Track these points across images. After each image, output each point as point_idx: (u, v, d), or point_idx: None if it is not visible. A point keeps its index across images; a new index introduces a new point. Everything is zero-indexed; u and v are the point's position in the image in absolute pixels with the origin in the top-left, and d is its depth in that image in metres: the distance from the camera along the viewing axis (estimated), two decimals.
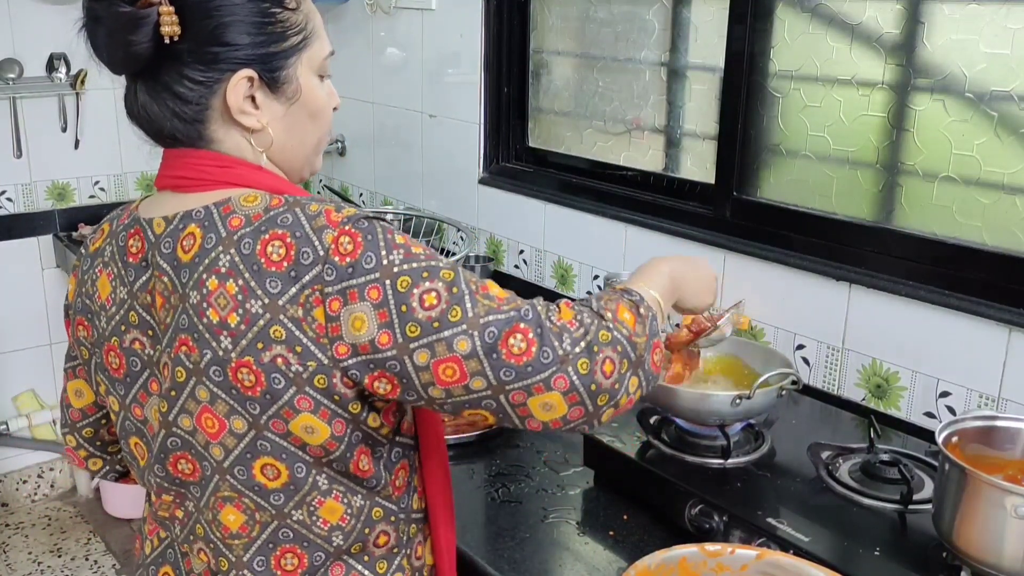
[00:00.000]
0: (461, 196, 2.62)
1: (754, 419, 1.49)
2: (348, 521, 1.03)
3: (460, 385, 0.93)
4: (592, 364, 0.94)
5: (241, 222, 0.95)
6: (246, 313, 0.93)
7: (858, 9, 1.69)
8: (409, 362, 0.92)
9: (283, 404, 0.94)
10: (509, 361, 0.92)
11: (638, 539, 1.38)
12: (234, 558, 1.03)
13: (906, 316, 1.63)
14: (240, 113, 0.99)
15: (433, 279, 0.93)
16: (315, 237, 0.93)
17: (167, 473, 1.04)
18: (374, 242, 0.93)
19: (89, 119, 3.12)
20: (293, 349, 0.93)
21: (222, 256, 0.94)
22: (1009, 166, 1.52)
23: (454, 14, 2.54)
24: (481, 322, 0.93)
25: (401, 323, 0.91)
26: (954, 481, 1.13)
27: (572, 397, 0.94)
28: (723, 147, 1.95)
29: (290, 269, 0.92)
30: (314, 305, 0.92)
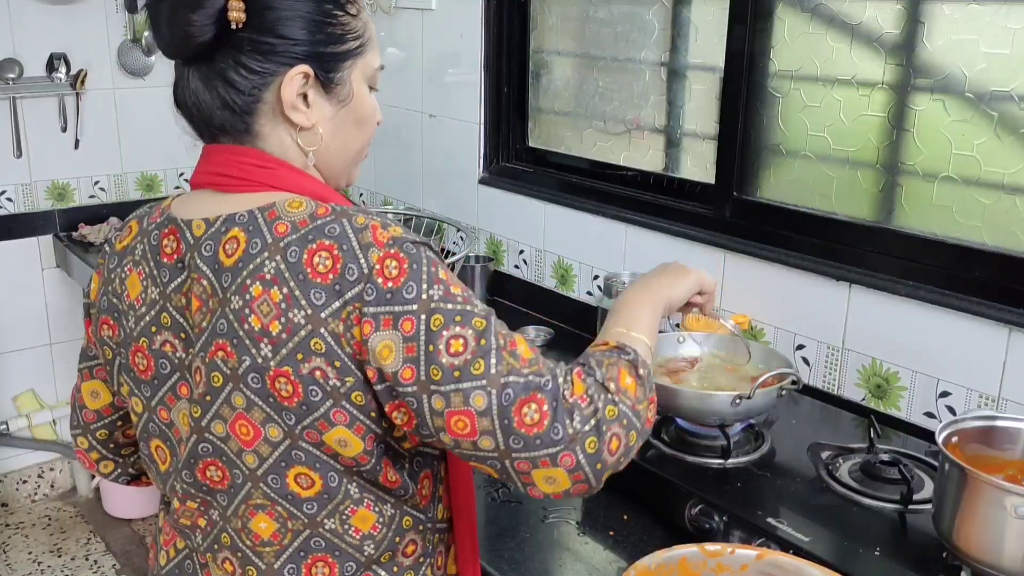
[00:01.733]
0: (461, 196, 2.62)
1: (754, 419, 1.49)
2: (380, 530, 1.02)
3: (469, 440, 0.93)
4: (600, 443, 0.95)
5: (287, 228, 0.94)
6: (288, 322, 0.91)
7: (858, 9, 1.69)
8: (426, 403, 0.92)
9: (319, 416, 0.94)
10: (520, 429, 0.92)
11: (638, 539, 1.38)
12: (264, 566, 1.02)
13: (906, 316, 1.63)
14: (292, 109, 0.99)
15: (464, 325, 0.92)
16: (361, 254, 0.92)
17: (195, 479, 1.02)
18: (418, 272, 0.92)
19: (89, 119, 3.12)
20: (332, 363, 0.92)
21: (267, 262, 0.93)
22: (1009, 166, 1.52)
23: (454, 14, 2.54)
24: (501, 381, 0.92)
25: (426, 363, 0.91)
26: (954, 481, 1.13)
27: (577, 475, 0.94)
28: (723, 147, 1.95)
29: (335, 282, 0.91)
30: (354, 323, 0.91)
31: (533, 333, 2.23)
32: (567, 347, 2.19)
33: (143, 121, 3.25)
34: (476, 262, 2.46)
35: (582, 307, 2.26)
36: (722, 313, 1.94)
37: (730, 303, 1.93)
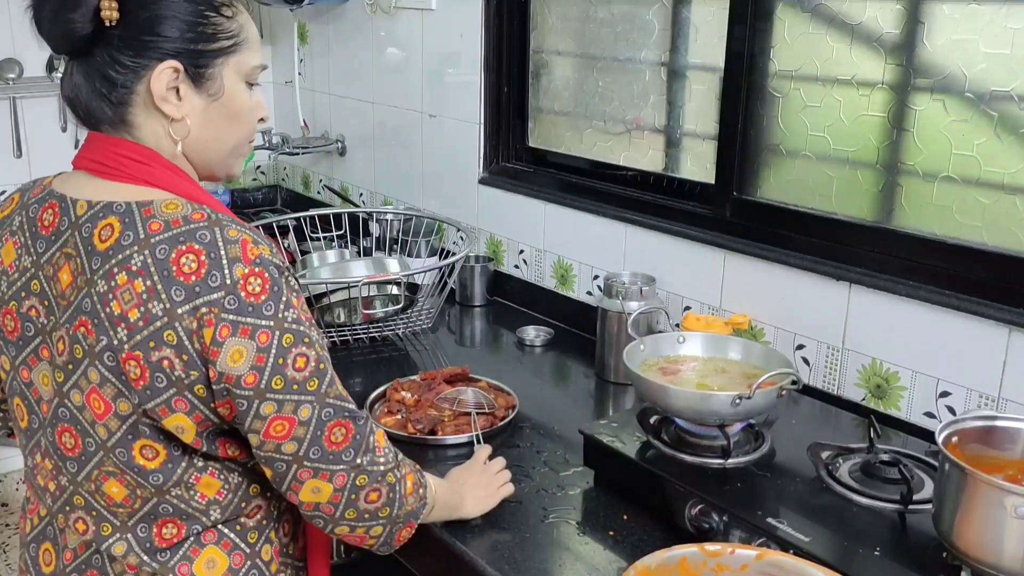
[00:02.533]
0: (461, 196, 2.62)
1: (754, 419, 1.49)
2: (225, 495, 1.13)
3: (276, 442, 1.06)
4: (368, 484, 1.12)
5: (160, 227, 1.02)
6: (147, 312, 1.01)
7: (858, 9, 1.69)
8: (256, 406, 1.04)
9: (161, 401, 1.04)
10: (324, 443, 1.08)
11: (638, 539, 1.39)
12: (119, 523, 1.11)
13: (906, 316, 1.63)
14: (162, 100, 1.07)
15: (309, 347, 1.06)
16: (227, 266, 1.01)
17: (54, 440, 1.11)
18: (278, 295, 1.03)
19: None
20: (180, 356, 1.02)
21: (136, 256, 1.01)
22: (1009, 166, 1.52)
23: (454, 14, 2.54)
24: (327, 400, 1.08)
25: (271, 373, 1.03)
26: (954, 481, 1.13)
27: (337, 497, 1.11)
28: (723, 147, 1.95)
29: (196, 284, 1.00)
30: (207, 324, 1.00)
31: (533, 333, 2.23)
32: (567, 347, 2.19)
33: None
34: (476, 262, 2.46)
35: (582, 307, 2.26)
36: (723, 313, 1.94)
37: (730, 303, 1.93)
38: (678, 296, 2.04)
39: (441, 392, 1.79)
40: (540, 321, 2.33)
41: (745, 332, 1.86)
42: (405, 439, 1.69)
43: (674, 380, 1.54)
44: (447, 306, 2.43)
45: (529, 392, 1.89)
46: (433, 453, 1.66)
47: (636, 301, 1.93)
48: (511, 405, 1.80)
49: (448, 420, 1.71)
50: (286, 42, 3.36)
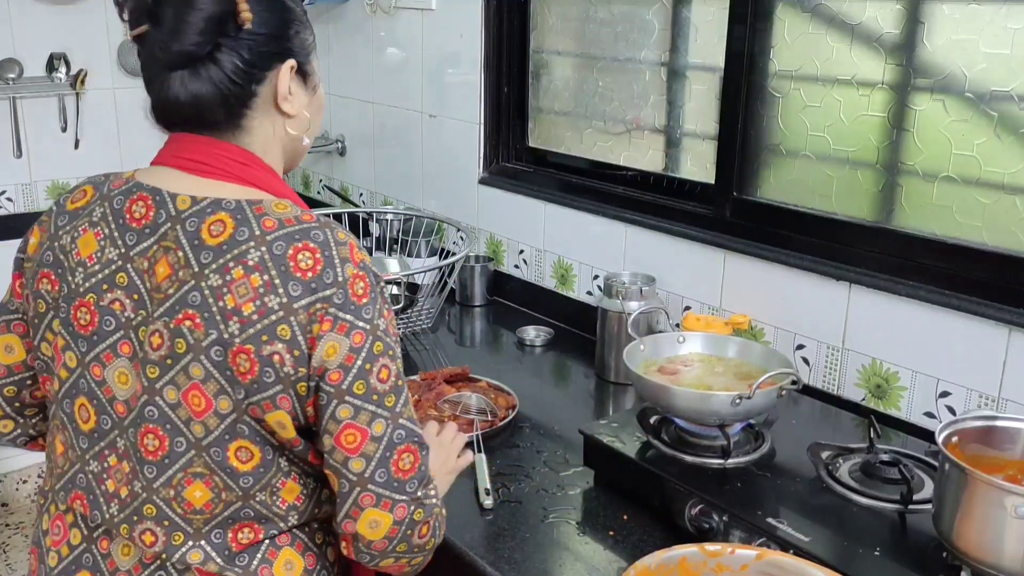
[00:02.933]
0: (461, 196, 2.62)
1: (754, 419, 1.49)
2: (303, 501, 1.11)
3: (345, 453, 1.04)
4: (423, 520, 1.09)
5: (275, 225, 1.03)
6: (263, 306, 1.00)
7: (858, 9, 1.69)
8: (335, 407, 1.03)
9: (266, 396, 1.01)
10: (391, 468, 1.05)
11: (638, 539, 1.39)
12: (192, 531, 1.06)
13: (906, 316, 1.63)
14: (284, 99, 1.10)
15: (394, 359, 1.06)
16: (339, 265, 1.02)
17: (134, 443, 1.06)
18: (375, 301, 1.05)
19: (89, 119, 3.12)
20: (292, 351, 1.01)
21: (253, 251, 1.01)
22: (1009, 166, 1.52)
23: (454, 14, 2.54)
24: (400, 421, 1.06)
25: (356, 376, 1.02)
26: (954, 481, 1.13)
27: (394, 530, 1.07)
28: (723, 147, 1.95)
29: (312, 281, 1.01)
30: (317, 319, 1.01)
31: (533, 333, 2.23)
32: (567, 347, 2.19)
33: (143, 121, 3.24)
34: (476, 262, 2.46)
35: (582, 307, 2.26)
36: (723, 313, 1.94)
37: (730, 303, 1.93)
38: (678, 296, 2.04)
39: (442, 393, 1.79)
40: (540, 321, 2.34)
41: (745, 332, 1.86)
42: None
43: (674, 380, 1.54)
44: (447, 306, 2.43)
45: (529, 392, 1.89)
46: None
47: (636, 301, 1.93)
48: (511, 405, 1.80)
49: (448, 420, 1.71)
50: None
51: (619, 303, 1.94)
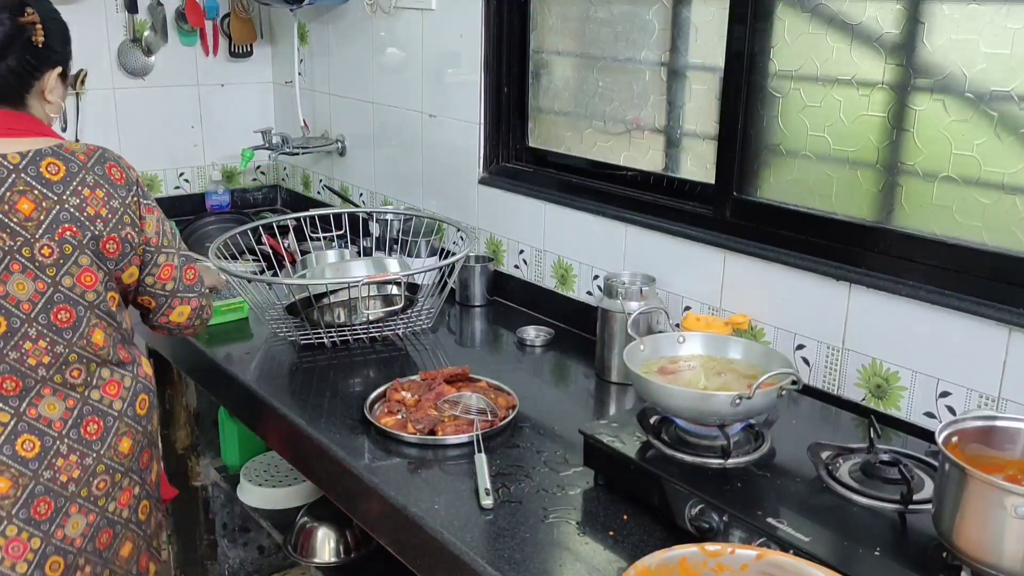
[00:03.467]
0: (461, 196, 2.62)
1: (754, 419, 1.49)
2: (108, 343, 1.63)
3: (162, 281, 1.69)
4: (207, 303, 1.81)
5: (85, 157, 1.57)
6: (111, 207, 1.57)
7: (858, 9, 1.69)
8: (155, 256, 1.66)
9: (126, 262, 1.62)
10: (185, 280, 1.73)
11: (638, 539, 1.39)
12: (100, 360, 1.63)
13: (906, 316, 1.63)
14: (50, 92, 1.64)
15: (165, 217, 1.71)
16: (128, 170, 1.63)
17: (49, 321, 1.55)
18: (148, 190, 1.67)
19: (89, 119, 3.12)
20: (135, 228, 1.61)
21: (87, 176, 1.56)
22: (1009, 166, 1.52)
23: (454, 14, 2.54)
24: (182, 252, 1.74)
25: (162, 235, 1.67)
26: (954, 481, 1.13)
27: (192, 314, 1.77)
28: (723, 147, 1.95)
29: (128, 183, 1.61)
30: (138, 205, 1.61)
31: (533, 333, 2.23)
32: (567, 347, 2.19)
33: (143, 121, 3.25)
34: (476, 262, 2.46)
35: (582, 307, 2.26)
36: (723, 313, 1.94)
37: (730, 303, 1.93)
38: (678, 296, 2.04)
39: (442, 393, 1.79)
40: (540, 321, 2.34)
41: (745, 332, 1.86)
42: (405, 439, 1.69)
43: (674, 380, 1.54)
44: (447, 306, 2.43)
45: (529, 392, 1.89)
46: (433, 453, 1.66)
47: (636, 301, 1.93)
48: (511, 405, 1.80)
49: (448, 420, 1.71)
50: (286, 42, 3.36)
51: (619, 303, 1.94)
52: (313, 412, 1.82)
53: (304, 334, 2.16)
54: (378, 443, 1.70)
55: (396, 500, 1.51)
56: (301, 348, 2.15)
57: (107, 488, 1.65)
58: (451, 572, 1.39)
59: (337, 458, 1.66)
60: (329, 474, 1.70)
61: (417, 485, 1.55)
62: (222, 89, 3.44)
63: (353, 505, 1.67)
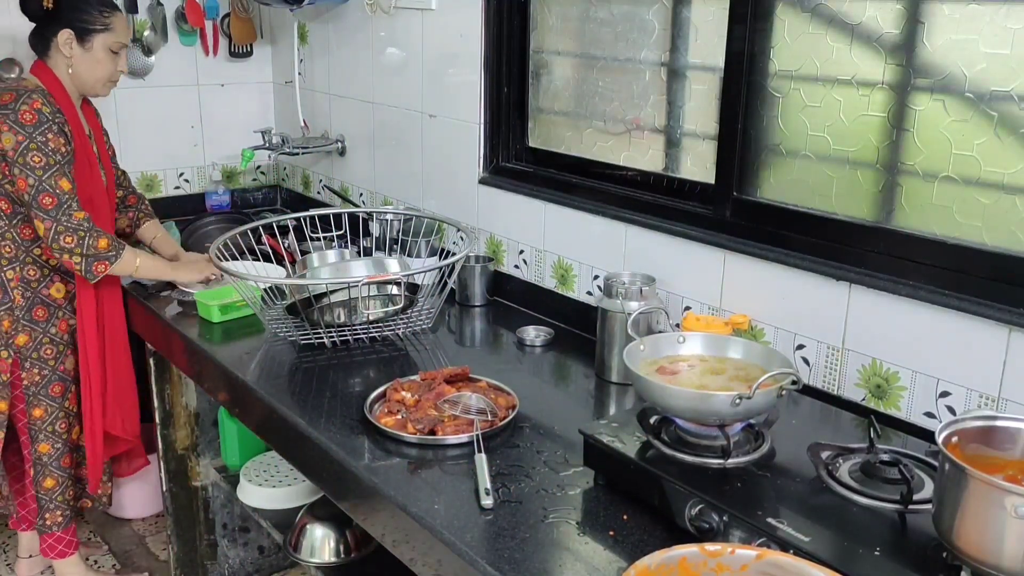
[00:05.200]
0: (461, 196, 2.62)
1: (754, 419, 1.49)
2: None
3: (21, 192, 2.30)
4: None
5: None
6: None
7: (858, 9, 1.69)
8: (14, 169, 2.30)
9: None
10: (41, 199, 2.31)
11: (638, 539, 1.39)
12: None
13: (906, 316, 1.63)
14: (64, 48, 2.36)
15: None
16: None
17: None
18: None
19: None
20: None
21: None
22: (1009, 166, 1.52)
23: (454, 14, 2.54)
24: (38, 173, 2.30)
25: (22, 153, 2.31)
26: (954, 481, 1.13)
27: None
28: (723, 147, 1.95)
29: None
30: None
31: (533, 333, 2.23)
32: (567, 347, 2.19)
33: (143, 121, 3.25)
34: (476, 262, 2.46)
35: (582, 307, 2.26)
36: (723, 313, 1.95)
37: (730, 303, 1.93)
38: (678, 296, 2.04)
39: (442, 393, 1.79)
40: (540, 321, 2.34)
41: (745, 332, 1.86)
42: (405, 439, 1.69)
43: (674, 380, 1.54)
44: (447, 306, 2.43)
45: (529, 392, 1.89)
46: (433, 453, 1.66)
47: (636, 301, 1.93)
48: (511, 405, 1.80)
49: (448, 420, 1.71)
50: (286, 42, 3.36)
51: (619, 303, 1.94)
52: (313, 412, 1.82)
53: (304, 334, 2.16)
54: (378, 443, 1.70)
55: (396, 500, 1.51)
56: (301, 348, 2.15)
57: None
58: (451, 572, 1.39)
59: (337, 458, 1.66)
60: (329, 474, 1.71)
61: (417, 485, 1.55)
62: (222, 89, 3.44)
63: (353, 505, 1.67)
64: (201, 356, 2.20)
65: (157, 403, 2.63)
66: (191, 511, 2.76)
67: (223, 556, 2.83)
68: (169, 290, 2.52)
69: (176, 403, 2.65)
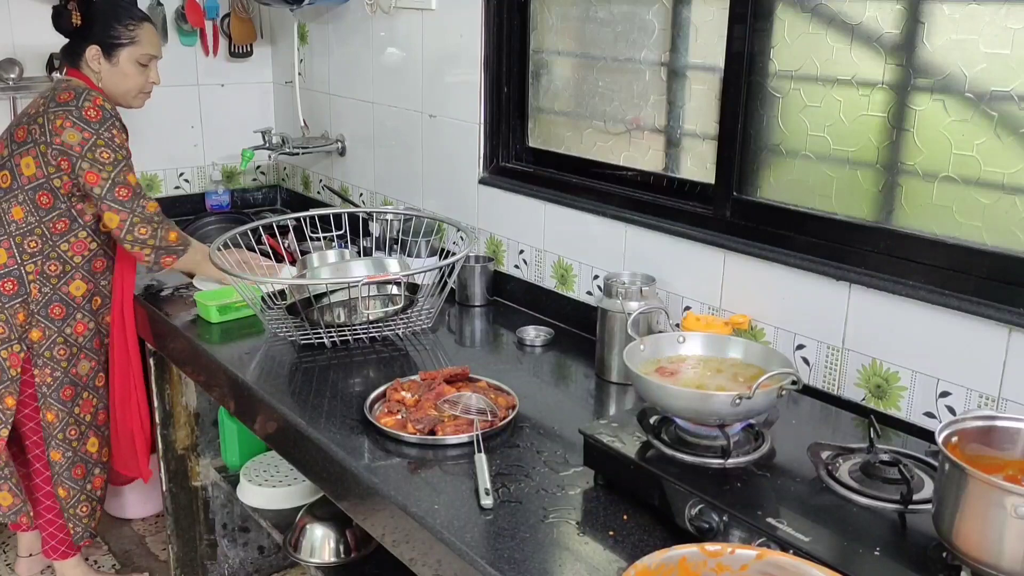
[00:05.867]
0: (461, 196, 2.62)
1: (754, 419, 1.49)
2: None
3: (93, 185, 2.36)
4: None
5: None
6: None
7: (858, 9, 1.69)
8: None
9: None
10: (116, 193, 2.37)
11: (638, 539, 1.39)
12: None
13: (906, 316, 1.63)
14: (93, 62, 2.42)
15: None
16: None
17: None
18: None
19: None
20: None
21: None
22: (1009, 166, 1.52)
23: (454, 14, 2.54)
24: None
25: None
26: (954, 481, 1.13)
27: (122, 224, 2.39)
28: (723, 147, 1.95)
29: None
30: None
31: (533, 333, 2.23)
32: (567, 347, 2.19)
33: (143, 121, 3.25)
34: (476, 262, 2.46)
35: (582, 307, 2.26)
36: (723, 313, 1.94)
37: (730, 303, 1.93)
38: (678, 296, 2.04)
39: (442, 393, 1.79)
40: (540, 321, 2.34)
41: (745, 332, 1.86)
42: (405, 439, 1.69)
43: (674, 380, 1.54)
44: (447, 306, 2.43)
45: (529, 392, 1.89)
46: (433, 453, 1.66)
47: (636, 301, 1.93)
48: (511, 405, 1.80)
49: (448, 420, 1.71)
50: (286, 42, 3.36)
51: (619, 303, 1.94)
52: (313, 412, 1.82)
53: (304, 334, 2.16)
54: (378, 443, 1.70)
55: (396, 500, 1.51)
56: (301, 348, 2.15)
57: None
58: (451, 572, 1.39)
59: (337, 458, 1.66)
60: (329, 474, 1.71)
61: (417, 485, 1.55)
62: (222, 89, 3.44)
63: (353, 505, 1.67)
64: (201, 356, 2.20)
65: (157, 403, 2.62)
66: (191, 511, 2.76)
67: (223, 556, 2.83)
68: (185, 289, 2.54)
69: (176, 403, 2.65)
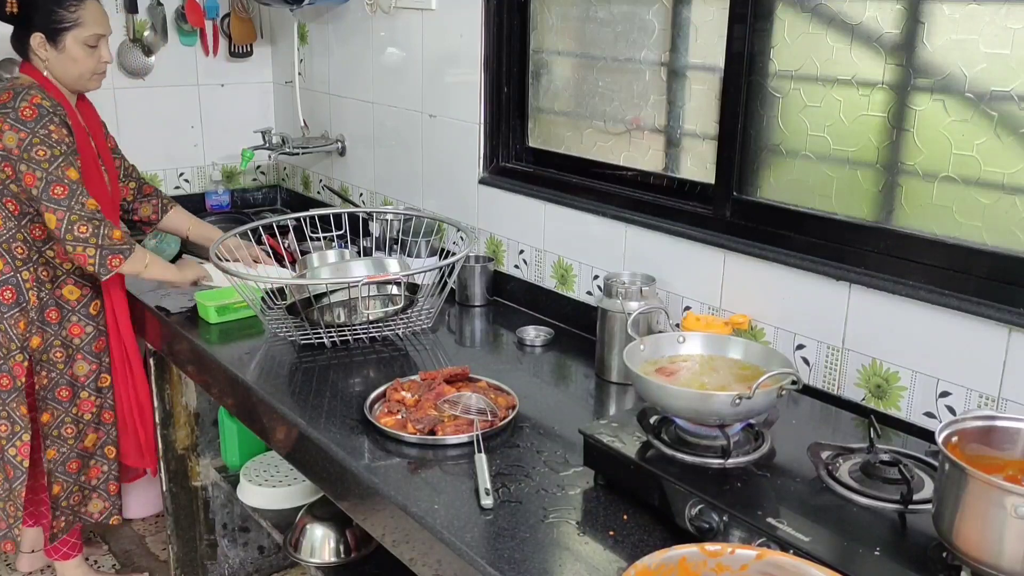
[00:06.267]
0: (461, 196, 2.62)
1: (754, 419, 1.49)
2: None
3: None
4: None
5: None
6: None
7: (858, 9, 1.69)
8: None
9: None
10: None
11: (638, 539, 1.39)
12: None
13: (906, 316, 1.63)
14: (39, 50, 2.30)
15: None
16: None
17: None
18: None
19: None
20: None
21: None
22: (1009, 166, 1.52)
23: (454, 14, 2.54)
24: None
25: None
26: (954, 481, 1.13)
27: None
28: (723, 147, 1.95)
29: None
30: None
31: (533, 333, 2.23)
32: (567, 347, 2.19)
33: (143, 121, 3.25)
34: (476, 262, 2.46)
35: (582, 307, 2.26)
36: (723, 313, 1.94)
37: (730, 303, 1.93)
38: (678, 296, 2.04)
39: (442, 393, 1.79)
40: (540, 321, 2.34)
41: (745, 332, 1.86)
42: (405, 439, 1.69)
43: (674, 380, 1.54)
44: (447, 306, 2.43)
45: (529, 392, 1.89)
46: (433, 453, 1.66)
47: (636, 301, 1.93)
48: (511, 405, 1.80)
49: (448, 420, 1.71)
50: (286, 42, 3.36)
51: (619, 303, 1.94)
52: (313, 412, 1.82)
53: (304, 334, 2.16)
54: (378, 443, 1.70)
55: (396, 500, 1.51)
56: (301, 348, 2.15)
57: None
58: (451, 572, 1.39)
59: (337, 458, 1.66)
60: (329, 474, 1.71)
61: (417, 485, 1.55)
62: (222, 89, 3.44)
63: (353, 505, 1.67)
64: (201, 356, 2.20)
65: (157, 403, 2.62)
66: (191, 511, 2.76)
67: (223, 556, 2.83)
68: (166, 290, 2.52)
69: (176, 403, 2.65)
